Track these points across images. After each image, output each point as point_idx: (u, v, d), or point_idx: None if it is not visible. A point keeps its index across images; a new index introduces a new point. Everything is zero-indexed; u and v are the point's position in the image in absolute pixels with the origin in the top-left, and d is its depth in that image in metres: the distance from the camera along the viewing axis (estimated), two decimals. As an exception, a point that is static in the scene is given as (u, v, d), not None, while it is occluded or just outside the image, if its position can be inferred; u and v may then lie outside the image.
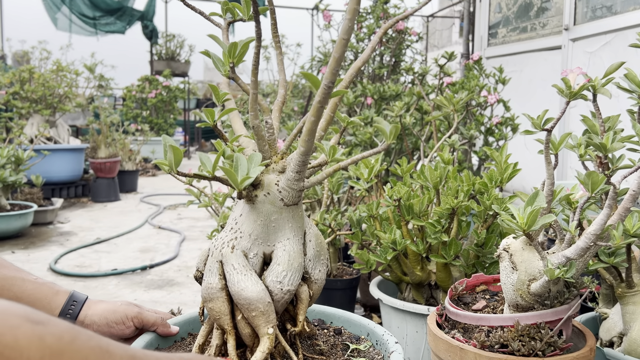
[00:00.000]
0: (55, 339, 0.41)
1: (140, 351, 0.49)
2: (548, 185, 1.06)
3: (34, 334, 0.40)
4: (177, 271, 2.91)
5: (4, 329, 0.38)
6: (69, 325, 0.44)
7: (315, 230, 0.88)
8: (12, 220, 3.45)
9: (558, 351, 1.05)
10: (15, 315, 0.40)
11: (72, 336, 0.43)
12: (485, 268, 1.56)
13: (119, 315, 0.94)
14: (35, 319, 0.41)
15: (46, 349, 0.40)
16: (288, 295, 0.85)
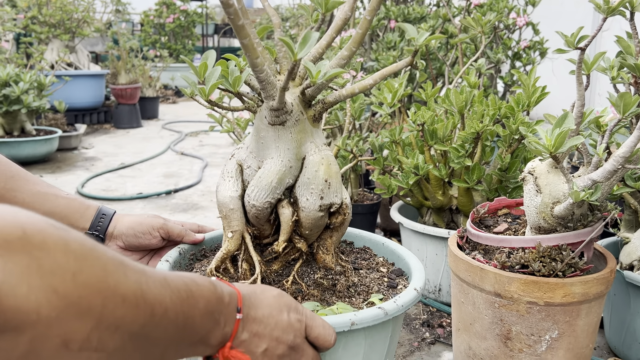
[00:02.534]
0: (78, 244, 0.42)
1: (148, 267, 0.51)
2: (578, 107, 1.04)
3: (60, 237, 0.41)
4: (200, 196, 2.97)
5: (33, 231, 0.39)
6: (85, 236, 0.45)
7: (316, 159, 0.85)
8: (39, 145, 3.51)
9: (578, 272, 1.06)
10: (41, 220, 0.41)
11: (92, 245, 0.44)
12: (507, 193, 1.56)
13: (145, 227, 0.98)
14: (58, 225, 0.42)
15: (71, 252, 0.41)
16: (255, 210, 0.88)
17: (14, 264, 0.37)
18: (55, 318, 0.39)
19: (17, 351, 0.38)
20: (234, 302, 0.62)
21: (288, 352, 0.67)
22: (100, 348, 0.44)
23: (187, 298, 0.53)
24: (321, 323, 0.71)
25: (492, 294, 1.10)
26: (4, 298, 0.36)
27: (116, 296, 0.44)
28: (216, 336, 0.59)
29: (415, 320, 1.58)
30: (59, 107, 4.08)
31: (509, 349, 1.12)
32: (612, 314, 1.37)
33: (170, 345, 0.53)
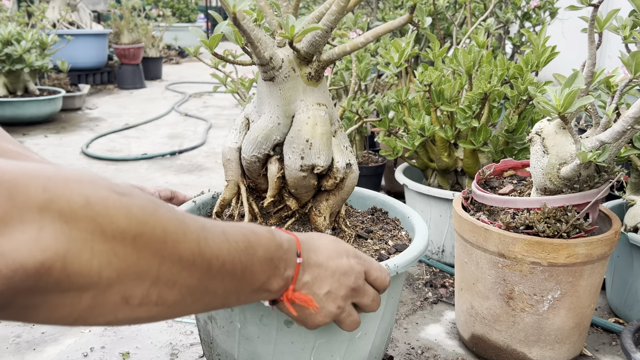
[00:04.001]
0: (139, 209, 0.44)
1: (209, 221, 0.53)
2: (589, 66, 1.02)
3: (122, 203, 0.43)
4: (205, 157, 2.97)
5: (95, 198, 0.41)
6: (150, 197, 0.47)
7: (302, 118, 0.84)
8: (42, 105, 3.50)
9: (583, 233, 1.06)
10: (104, 187, 0.43)
11: (153, 207, 0.46)
12: (514, 154, 1.55)
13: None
14: (120, 190, 0.44)
15: (132, 218, 0.43)
16: (245, 162, 0.91)
17: (78, 231, 0.39)
18: (116, 278, 0.42)
19: (80, 305, 0.42)
20: (293, 248, 0.63)
21: (351, 293, 0.69)
22: (159, 302, 0.47)
23: (246, 248, 0.55)
24: (378, 267, 0.73)
25: (495, 254, 1.11)
26: (69, 264, 0.39)
27: (173, 256, 0.46)
28: (277, 281, 0.61)
29: (418, 280, 1.60)
30: (61, 67, 4.04)
31: (511, 308, 1.13)
32: (615, 275, 1.38)
33: (231, 293, 0.55)
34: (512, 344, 1.16)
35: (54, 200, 0.38)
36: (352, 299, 0.70)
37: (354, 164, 0.91)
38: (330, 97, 0.89)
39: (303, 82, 0.84)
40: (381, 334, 0.85)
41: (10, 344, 1.26)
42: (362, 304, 0.72)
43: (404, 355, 1.24)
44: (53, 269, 0.38)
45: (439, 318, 1.41)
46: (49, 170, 0.40)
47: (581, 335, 1.18)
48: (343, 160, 0.88)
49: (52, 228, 0.38)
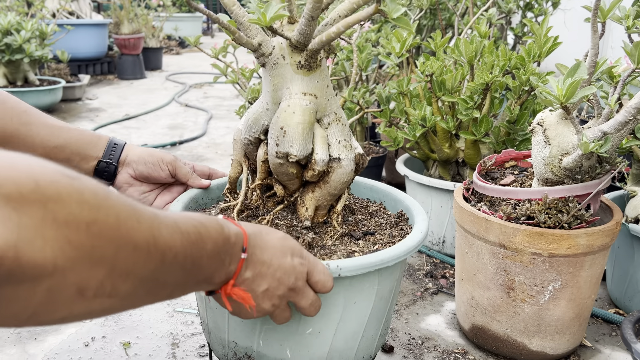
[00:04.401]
0: (92, 194, 0.42)
1: (161, 211, 0.52)
2: (591, 56, 1.01)
3: (73, 187, 0.40)
4: (205, 147, 2.96)
5: (46, 182, 0.38)
6: (99, 183, 0.45)
7: (283, 106, 0.84)
8: (42, 95, 3.49)
9: (584, 224, 1.06)
10: (53, 170, 0.40)
11: (105, 193, 0.44)
12: (515, 145, 1.55)
13: (155, 158, 0.99)
14: (71, 175, 0.42)
15: (85, 203, 0.41)
16: (240, 144, 0.94)
17: (28, 218, 0.37)
18: (70, 268, 0.40)
19: (34, 300, 0.39)
20: (240, 242, 0.63)
21: (288, 293, 0.69)
22: (113, 294, 0.45)
23: (196, 241, 0.54)
24: (322, 269, 0.72)
25: (496, 245, 1.11)
26: (21, 253, 0.36)
27: (128, 244, 0.44)
28: (220, 275, 0.61)
29: (418, 271, 1.60)
30: (61, 57, 4.03)
31: (512, 299, 1.13)
32: (615, 266, 1.38)
33: (178, 285, 0.55)
34: (513, 334, 1.16)
35: (1, 185, 0.36)
36: (289, 299, 0.70)
37: (345, 159, 0.87)
38: (326, 88, 0.86)
39: (292, 70, 0.84)
40: (345, 338, 0.84)
41: (12, 334, 1.27)
42: (299, 306, 0.71)
43: (405, 346, 1.25)
44: (4, 258, 0.36)
45: (439, 308, 1.41)
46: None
47: (581, 326, 1.18)
48: (324, 153, 0.85)
49: (1, 215, 0.35)
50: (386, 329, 0.94)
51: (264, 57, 0.84)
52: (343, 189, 0.91)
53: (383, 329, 0.92)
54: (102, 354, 1.20)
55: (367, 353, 0.90)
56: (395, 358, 1.20)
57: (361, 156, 0.92)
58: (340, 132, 0.88)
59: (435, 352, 1.23)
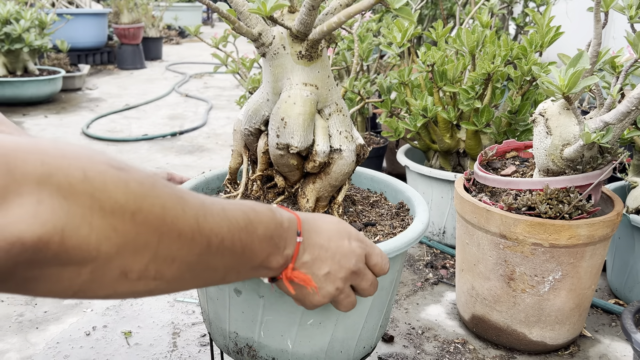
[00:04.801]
0: (137, 184, 0.44)
1: (209, 198, 0.53)
2: (594, 46, 1.01)
3: (119, 179, 0.42)
4: (206, 138, 2.96)
5: (93, 173, 0.41)
6: (147, 172, 0.47)
7: (284, 97, 0.83)
8: (42, 85, 3.48)
9: (585, 215, 1.06)
10: (101, 161, 0.42)
11: (151, 183, 0.45)
12: (516, 136, 1.54)
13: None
14: (118, 165, 0.44)
15: (131, 193, 0.43)
16: (241, 135, 0.94)
17: (77, 206, 0.39)
18: (115, 254, 0.42)
19: (79, 279, 0.42)
20: (294, 227, 0.63)
21: (350, 276, 0.69)
22: (158, 277, 0.47)
23: (246, 226, 0.55)
24: (379, 252, 0.73)
25: (497, 236, 1.11)
26: (67, 238, 0.39)
27: (172, 232, 0.46)
28: (277, 259, 0.61)
29: (419, 262, 1.60)
30: (61, 47, 4.01)
31: (512, 289, 1.13)
32: (616, 256, 1.38)
33: (231, 269, 0.56)
34: (513, 324, 1.17)
35: (52, 174, 0.38)
36: (351, 282, 0.70)
37: (346, 150, 0.87)
38: (327, 78, 0.86)
39: (292, 60, 0.83)
40: (346, 329, 0.84)
41: (13, 323, 1.27)
42: (360, 287, 0.72)
43: (405, 335, 1.25)
44: (51, 243, 0.38)
45: (440, 299, 1.41)
46: (46, 144, 0.40)
47: (581, 316, 1.19)
48: (325, 144, 0.85)
49: (50, 202, 0.38)
50: (386, 320, 0.94)
51: (264, 47, 0.83)
52: (344, 180, 0.91)
53: (384, 320, 0.92)
54: (103, 343, 1.20)
55: (367, 343, 0.90)
56: (396, 348, 1.20)
57: (362, 147, 0.91)
58: (342, 122, 0.88)
59: (435, 342, 1.23)
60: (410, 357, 1.17)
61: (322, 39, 0.82)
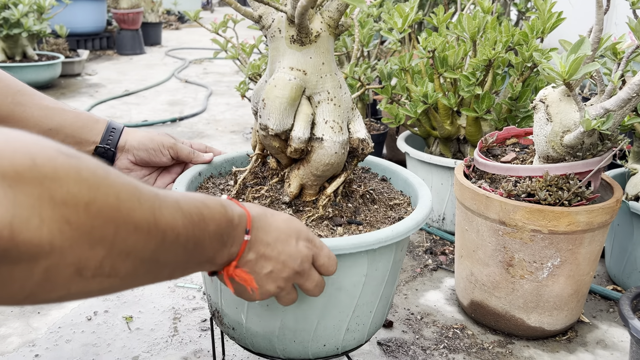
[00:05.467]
0: (90, 173, 0.41)
1: (162, 190, 0.51)
2: (596, 32, 1.00)
3: (70, 166, 0.39)
4: (206, 124, 2.96)
5: (43, 159, 0.37)
6: (99, 162, 0.44)
7: (270, 79, 0.84)
8: (41, 71, 3.47)
9: (584, 201, 1.06)
10: (50, 147, 0.39)
11: (104, 171, 0.43)
12: (517, 122, 1.54)
13: (155, 143, 0.97)
14: (69, 152, 0.40)
15: (83, 182, 0.40)
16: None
17: (25, 196, 0.36)
18: (69, 248, 0.39)
19: (32, 279, 0.39)
20: (243, 224, 0.62)
21: (293, 276, 0.69)
22: (112, 274, 0.44)
23: (199, 222, 0.53)
24: (327, 253, 0.72)
25: (496, 222, 1.11)
26: (17, 232, 0.35)
27: (128, 224, 0.44)
28: (222, 256, 0.61)
29: (418, 248, 1.61)
30: (60, 32, 3.99)
31: (511, 275, 1.14)
32: (614, 243, 1.38)
33: (179, 266, 0.54)
34: (511, 310, 1.17)
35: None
36: (294, 281, 0.69)
37: (328, 141, 0.85)
38: (320, 65, 0.83)
39: (285, 44, 0.82)
40: (295, 320, 0.83)
41: (15, 308, 1.28)
42: (303, 287, 0.71)
43: (404, 321, 1.26)
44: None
45: (439, 285, 1.42)
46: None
47: (579, 302, 1.19)
48: (302, 130, 0.83)
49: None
50: (361, 324, 0.90)
51: (265, 30, 0.84)
52: (327, 171, 0.89)
53: (352, 323, 0.89)
54: (104, 328, 1.21)
55: (330, 342, 0.88)
56: (395, 333, 1.21)
57: (361, 141, 0.89)
58: (331, 112, 0.85)
59: (434, 327, 1.24)
60: (409, 342, 1.18)
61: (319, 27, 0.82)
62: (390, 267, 0.86)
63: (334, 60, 0.86)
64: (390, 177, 1.09)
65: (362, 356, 1.14)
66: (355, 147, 0.89)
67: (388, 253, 0.84)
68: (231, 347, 1.15)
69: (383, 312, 0.93)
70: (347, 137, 0.88)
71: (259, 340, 0.86)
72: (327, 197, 0.91)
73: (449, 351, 1.16)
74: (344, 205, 0.94)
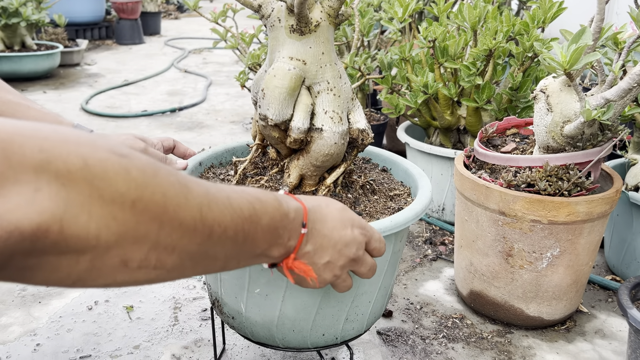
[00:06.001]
0: (139, 172, 0.43)
1: (215, 186, 0.52)
2: (597, 22, 1.00)
3: (120, 166, 0.41)
4: (205, 114, 2.95)
5: (94, 160, 0.40)
6: (150, 159, 0.46)
7: (269, 69, 0.84)
8: (40, 60, 3.45)
9: (584, 192, 1.07)
10: (103, 148, 0.41)
11: (154, 170, 0.45)
12: (517, 113, 1.54)
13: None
14: (120, 152, 0.43)
15: (132, 181, 0.42)
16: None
17: (76, 194, 0.38)
18: (114, 242, 0.42)
19: (79, 268, 0.41)
20: (300, 218, 0.63)
21: (349, 263, 0.70)
22: (158, 266, 0.47)
23: (250, 216, 0.54)
24: (378, 237, 0.74)
25: (496, 212, 1.11)
26: (66, 226, 0.38)
27: (173, 221, 0.45)
28: (279, 249, 0.61)
29: (418, 238, 1.61)
30: (58, 21, 3.97)
31: (510, 265, 1.14)
32: (614, 233, 1.39)
33: (231, 258, 0.55)
34: (510, 299, 1.18)
35: (51, 161, 0.37)
36: (350, 268, 0.71)
37: (328, 131, 0.85)
38: (320, 55, 0.83)
39: (285, 34, 0.82)
40: (295, 309, 0.84)
41: (16, 297, 1.28)
42: (358, 272, 0.73)
43: (403, 310, 1.26)
44: (50, 231, 0.37)
45: (438, 275, 1.43)
46: (46, 130, 0.39)
47: (578, 292, 1.20)
48: (302, 121, 0.83)
49: (49, 190, 0.37)
50: (359, 314, 0.91)
51: (265, 19, 0.83)
52: (327, 162, 0.89)
53: (352, 313, 0.89)
54: (105, 317, 1.22)
55: (328, 332, 0.89)
56: (394, 322, 1.22)
57: (361, 132, 0.89)
58: (330, 102, 0.85)
59: (433, 317, 1.25)
60: (408, 332, 1.19)
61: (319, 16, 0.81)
62: (389, 258, 0.87)
63: (334, 50, 0.86)
64: (390, 168, 1.09)
65: (362, 345, 1.14)
66: (355, 137, 0.89)
67: (387, 243, 0.84)
68: (231, 337, 1.15)
69: (382, 302, 0.94)
70: (347, 127, 0.88)
71: (258, 329, 0.87)
72: (326, 187, 0.91)
73: (448, 340, 1.17)
74: (344, 195, 0.94)
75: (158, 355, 1.10)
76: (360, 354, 1.12)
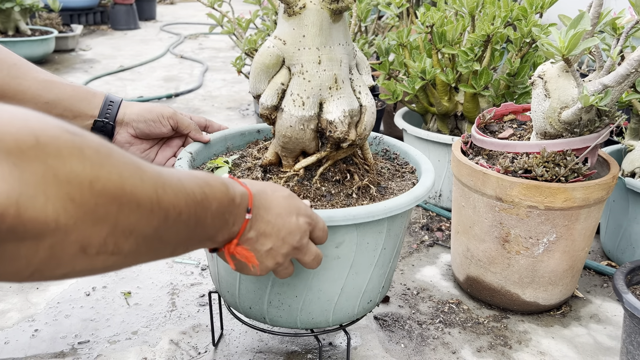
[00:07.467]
0: (93, 151, 0.41)
1: (165, 169, 0.51)
2: (595, 7, 0.99)
3: (74, 144, 0.39)
4: (202, 100, 2.94)
5: (46, 138, 0.37)
6: (103, 140, 0.44)
7: (263, 43, 0.86)
8: (35, 46, 3.42)
9: (581, 177, 1.07)
10: (54, 125, 0.39)
11: (108, 150, 0.43)
12: (514, 99, 1.54)
13: (155, 114, 0.95)
14: (73, 130, 0.40)
15: (86, 160, 0.40)
16: None
17: (30, 174, 0.36)
18: (73, 225, 0.39)
19: (38, 256, 0.39)
20: (245, 203, 0.63)
21: (292, 251, 0.70)
22: (116, 251, 0.45)
23: (201, 201, 0.54)
24: (322, 226, 0.74)
25: (493, 198, 1.12)
26: (23, 209, 0.36)
27: (131, 202, 0.44)
28: (223, 234, 0.61)
29: (415, 224, 1.62)
30: (53, 6, 3.93)
31: (507, 250, 1.15)
32: (610, 219, 1.39)
33: (181, 243, 0.55)
34: (507, 285, 1.19)
35: (0, 139, 0.35)
36: (293, 256, 0.71)
37: (287, 113, 0.85)
38: (301, 37, 0.82)
39: (284, 17, 0.84)
40: (313, 299, 0.86)
41: (14, 284, 1.29)
42: (302, 261, 0.73)
43: (400, 296, 1.27)
44: (6, 215, 0.35)
45: (435, 260, 1.43)
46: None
47: (574, 278, 1.21)
48: (267, 97, 0.86)
49: (1, 170, 0.34)
50: (375, 287, 0.93)
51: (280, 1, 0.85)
52: (287, 144, 0.89)
53: (366, 291, 0.91)
54: (103, 303, 1.22)
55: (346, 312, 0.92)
56: (391, 308, 1.23)
57: (329, 123, 0.86)
58: (298, 86, 0.85)
59: (430, 302, 1.25)
60: (405, 317, 1.20)
61: None
62: (382, 242, 0.87)
63: (322, 35, 0.83)
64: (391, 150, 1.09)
65: (359, 330, 1.15)
66: (324, 128, 0.87)
67: (379, 228, 0.85)
68: (229, 322, 1.16)
69: (376, 291, 0.94)
70: (312, 114, 0.86)
71: (251, 305, 0.90)
72: (293, 170, 0.91)
73: (445, 325, 1.18)
74: (321, 186, 0.91)
75: (156, 341, 1.11)
76: (357, 338, 1.13)
